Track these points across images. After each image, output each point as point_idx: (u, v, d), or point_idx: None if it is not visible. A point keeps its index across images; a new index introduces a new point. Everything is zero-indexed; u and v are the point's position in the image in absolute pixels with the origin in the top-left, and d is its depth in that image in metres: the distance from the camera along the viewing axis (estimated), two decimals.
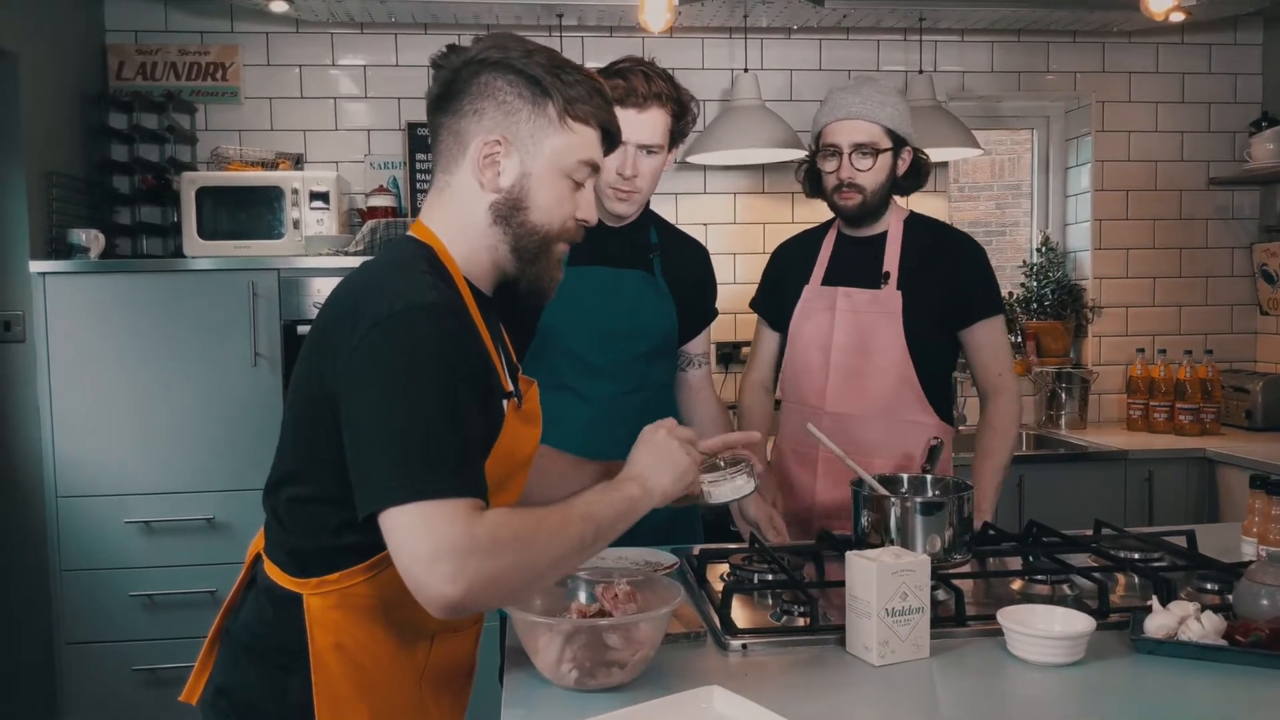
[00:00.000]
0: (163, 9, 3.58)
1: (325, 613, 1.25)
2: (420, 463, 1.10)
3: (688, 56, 3.77)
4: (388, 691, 1.29)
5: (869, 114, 2.16)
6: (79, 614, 3.00)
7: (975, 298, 2.24)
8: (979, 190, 6.48)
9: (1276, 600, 1.49)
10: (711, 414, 2.30)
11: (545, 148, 1.30)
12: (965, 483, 1.75)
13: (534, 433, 1.42)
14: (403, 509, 1.09)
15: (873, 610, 1.38)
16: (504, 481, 1.34)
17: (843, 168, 2.18)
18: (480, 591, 1.10)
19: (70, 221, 3.19)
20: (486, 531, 1.10)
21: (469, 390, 1.18)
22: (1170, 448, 3.50)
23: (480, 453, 1.20)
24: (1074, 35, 3.93)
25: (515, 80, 1.28)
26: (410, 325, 1.15)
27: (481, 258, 1.33)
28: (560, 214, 1.33)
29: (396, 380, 1.13)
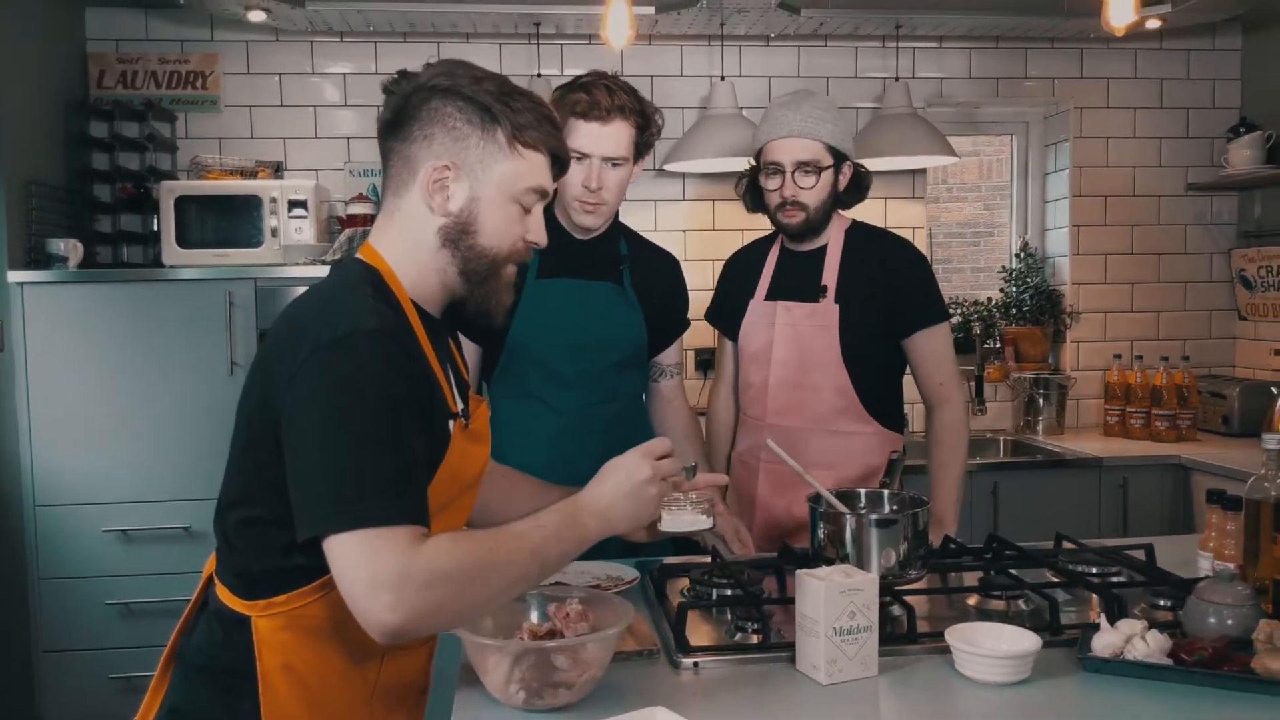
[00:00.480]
0: (143, 18, 3.59)
1: (273, 634, 1.26)
2: (360, 490, 1.12)
3: (666, 64, 3.79)
4: (337, 711, 1.31)
5: (811, 131, 2.18)
6: (57, 622, 3.02)
7: (913, 307, 2.26)
8: (967, 191, 6.50)
9: (1223, 619, 1.51)
10: (683, 424, 2.32)
11: (494, 173, 1.32)
12: (921, 498, 1.76)
13: (482, 451, 1.43)
14: (343, 536, 1.11)
15: (820, 629, 1.40)
16: (452, 501, 1.35)
17: (786, 186, 2.20)
18: (420, 620, 1.12)
19: (50, 230, 3.20)
20: (426, 561, 1.12)
21: (410, 415, 1.19)
22: (1145, 454, 3.52)
23: (422, 478, 1.22)
24: (1052, 42, 3.95)
25: (465, 107, 1.31)
26: (350, 351, 1.17)
27: (430, 280, 1.35)
28: (509, 237, 1.36)
29: (336, 406, 1.15)
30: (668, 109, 3.73)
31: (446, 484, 1.31)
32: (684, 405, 2.35)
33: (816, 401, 2.26)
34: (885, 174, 3.87)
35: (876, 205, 3.91)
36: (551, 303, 2.14)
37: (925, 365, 2.29)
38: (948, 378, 2.28)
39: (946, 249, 6.41)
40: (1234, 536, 1.78)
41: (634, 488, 1.34)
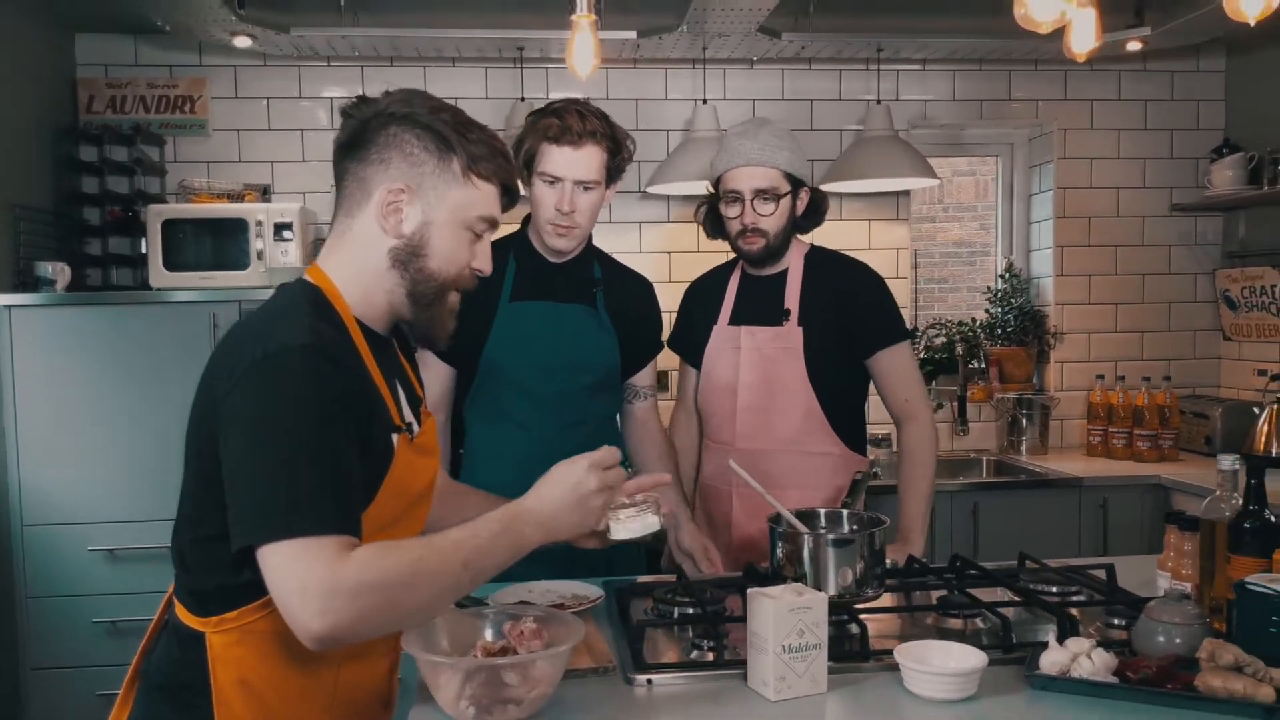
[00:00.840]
0: (132, 43, 3.64)
1: (227, 650, 1.29)
2: (290, 501, 1.16)
3: (651, 87, 3.83)
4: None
5: (768, 160, 2.22)
6: (44, 640, 3.05)
7: (874, 327, 2.30)
8: (963, 210, 6.53)
9: (1172, 637, 1.52)
10: (657, 446, 2.35)
11: (448, 200, 1.36)
12: (879, 518, 1.78)
13: (430, 464, 1.47)
14: (274, 546, 1.15)
15: (769, 646, 1.42)
16: (403, 514, 1.38)
17: (745, 213, 2.24)
18: (348, 628, 1.15)
19: (39, 253, 3.25)
20: (354, 571, 1.15)
21: (343, 429, 1.23)
22: (1126, 474, 3.54)
23: (354, 490, 1.24)
24: (1035, 64, 3.99)
25: (422, 135, 1.35)
26: (283, 366, 1.21)
27: (377, 300, 1.39)
28: (457, 263, 1.39)
29: (268, 420, 1.19)
30: (652, 132, 3.79)
31: (394, 496, 1.35)
32: (658, 427, 2.38)
33: (784, 424, 2.28)
34: (869, 196, 3.92)
35: (860, 227, 3.94)
36: (525, 325, 2.17)
37: (890, 383, 2.32)
38: (912, 395, 2.31)
39: (942, 269, 6.43)
40: (1191, 556, 1.80)
41: (580, 498, 1.36)
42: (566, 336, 2.18)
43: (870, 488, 3.28)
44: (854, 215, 3.94)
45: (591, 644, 1.64)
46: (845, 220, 3.92)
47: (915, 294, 4.33)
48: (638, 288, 2.32)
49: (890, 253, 3.96)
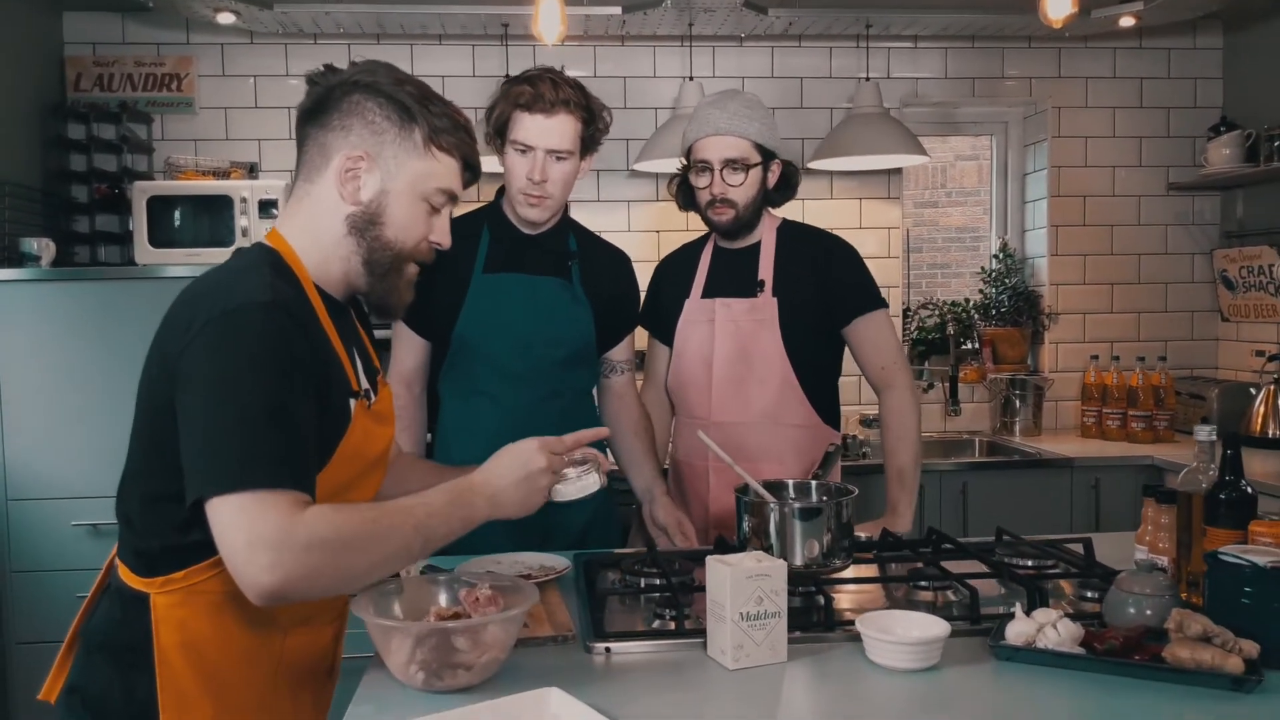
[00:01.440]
0: (120, 21, 3.63)
1: (171, 610, 1.28)
2: (244, 455, 1.15)
3: (639, 65, 3.80)
4: (236, 688, 1.32)
5: (737, 129, 2.20)
6: (28, 614, 3.04)
7: (849, 295, 2.28)
8: (966, 195, 6.48)
9: (1142, 609, 1.50)
10: (633, 421, 2.33)
11: (407, 169, 1.36)
12: (847, 487, 1.76)
13: (385, 432, 1.46)
14: (225, 499, 1.14)
15: (727, 614, 1.40)
16: (356, 480, 1.37)
17: (715, 183, 2.22)
18: (296, 584, 1.14)
19: (24, 230, 3.24)
20: (306, 528, 1.14)
21: (300, 386, 1.22)
22: (1118, 455, 3.50)
23: (309, 448, 1.23)
24: (1029, 41, 3.94)
25: (385, 104, 1.35)
26: (241, 322, 1.20)
27: (333, 267, 1.38)
28: (414, 234, 1.39)
29: (225, 374, 1.18)
30: (640, 110, 3.76)
31: (349, 461, 1.34)
32: (635, 401, 2.36)
33: (760, 396, 2.26)
34: (860, 174, 3.88)
35: (852, 206, 3.91)
36: (498, 298, 2.15)
37: (866, 350, 2.30)
38: (890, 361, 2.29)
39: (945, 254, 6.39)
40: (1168, 530, 1.77)
41: (527, 475, 1.36)
42: (540, 310, 2.15)
43: (860, 467, 3.29)
44: (845, 194, 3.91)
45: (554, 613, 1.63)
46: (836, 199, 3.89)
47: (907, 274, 4.30)
48: (614, 261, 2.30)
49: (882, 232, 3.93)
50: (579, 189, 3.70)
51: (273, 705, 1.37)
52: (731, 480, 2.25)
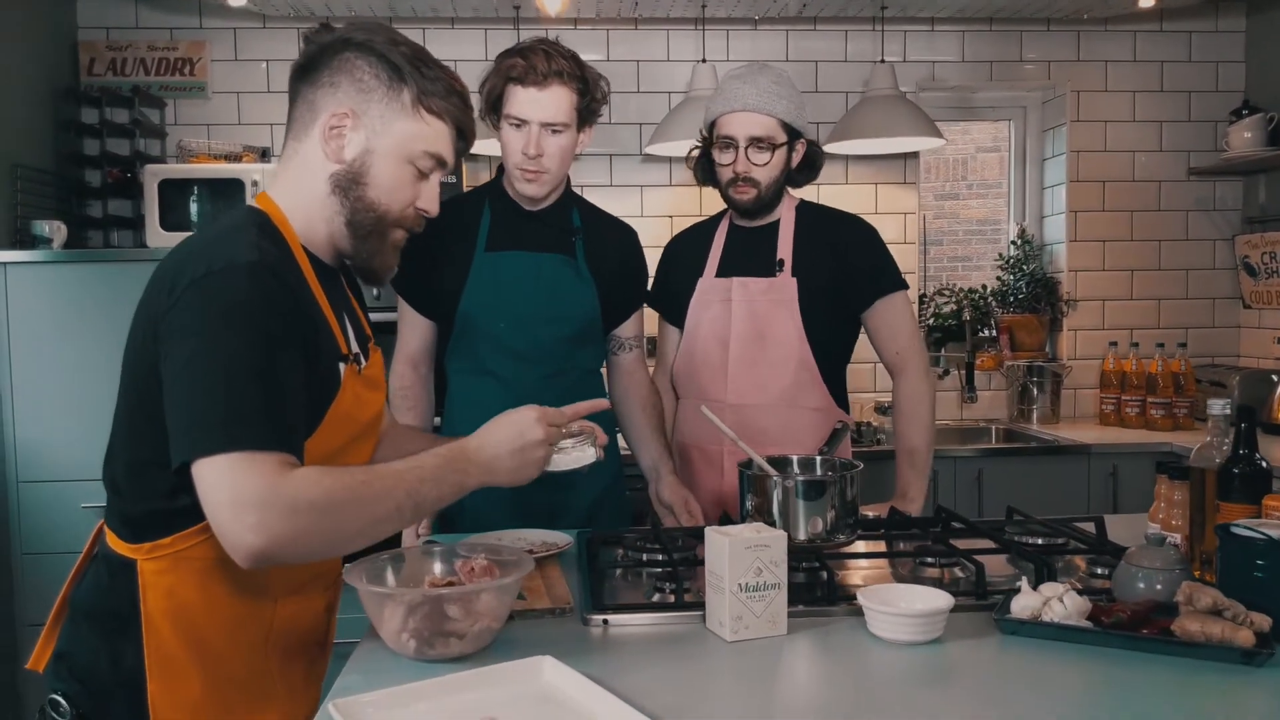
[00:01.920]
0: (133, 6, 3.65)
1: (158, 577, 1.27)
2: (229, 415, 1.13)
3: (653, 48, 3.78)
4: (224, 656, 1.31)
5: (765, 107, 2.14)
6: (39, 595, 3.06)
7: (870, 278, 2.24)
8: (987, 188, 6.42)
9: (1152, 583, 1.47)
10: (642, 398, 2.28)
11: (394, 130, 1.33)
12: (853, 463, 1.73)
13: (376, 397, 1.44)
14: (212, 460, 1.12)
15: (725, 585, 1.38)
16: (349, 446, 1.36)
17: (738, 161, 2.17)
18: (283, 546, 1.12)
19: (38, 213, 3.25)
20: (293, 489, 1.12)
21: (286, 347, 1.20)
22: (1137, 442, 3.45)
23: (296, 409, 1.22)
24: (1047, 23, 3.89)
25: (375, 63, 1.32)
26: (225, 282, 1.18)
27: (319, 228, 1.36)
28: (399, 197, 1.36)
29: (210, 335, 1.16)
30: (654, 94, 3.74)
31: (341, 425, 1.33)
32: (644, 378, 2.32)
33: (776, 378, 2.22)
34: (876, 159, 3.85)
35: (867, 190, 3.87)
36: (501, 275, 2.12)
37: (882, 333, 2.26)
38: (905, 345, 2.25)
39: (966, 246, 6.33)
40: (1180, 506, 1.74)
41: (523, 446, 1.34)
42: (543, 287, 2.12)
43: (874, 453, 3.25)
44: (860, 179, 3.87)
45: (553, 587, 1.61)
46: (851, 184, 3.85)
47: (924, 261, 4.25)
48: (620, 236, 2.25)
49: (898, 217, 3.89)
50: (591, 174, 3.74)
51: (262, 674, 1.36)
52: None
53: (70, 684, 1.31)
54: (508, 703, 1.16)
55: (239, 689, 1.33)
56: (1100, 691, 1.23)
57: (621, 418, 2.29)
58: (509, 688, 1.20)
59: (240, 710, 1.33)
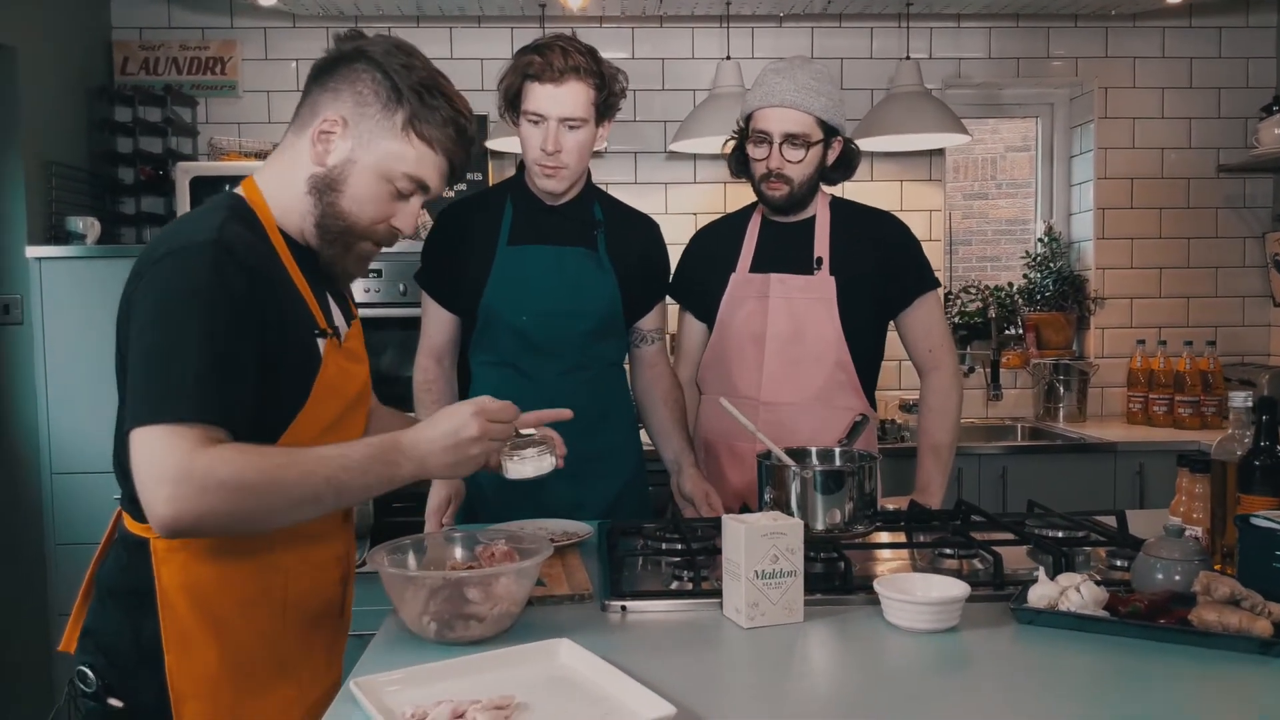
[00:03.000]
0: (165, 6, 3.71)
1: (170, 555, 1.31)
2: (164, 387, 1.17)
3: (677, 46, 3.79)
4: (240, 629, 1.34)
5: (803, 104, 2.12)
6: (72, 586, 3.05)
7: (908, 277, 2.23)
8: (1016, 188, 6.38)
9: (1170, 574, 1.47)
10: (664, 391, 2.28)
11: (379, 147, 1.36)
12: (870, 454, 1.74)
13: (360, 370, 1.48)
14: (142, 430, 1.16)
15: (741, 572, 1.39)
16: (341, 418, 1.39)
17: (772, 157, 2.15)
18: (193, 521, 1.15)
19: (72, 209, 3.32)
20: (205, 465, 1.15)
21: (240, 325, 1.24)
22: (1164, 440, 3.42)
23: (240, 386, 1.24)
24: (1075, 19, 3.87)
25: (381, 80, 1.36)
26: (182, 261, 1.23)
27: (293, 220, 1.40)
28: (369, 211, 1.39)
29: (159, 311, 1.21)
30: (678, 92, 3.75)
31: (329, 398, 1.37)
32: (666, 371, 2.32)
33: (812, 377, 2.20)
34: (901, 156, 3.84)
35: (893, 188, 3.87)
36: (523, 270, 2.13)
37: (915, 332, 2.25)
38: (937, 344, 2.25)
39: (995, 246, 6.29)
40: (1202, 499, 1.74)
41: (457, 442, 1.31)
42: (564, 281, 2.14)
43: (898, 450, 3.25)
44: (886, 176, 3.87)
45: (572, 575, 1.63)
46: (876, 181, 3.85)
47: (950, 258, 4.24)
48: (642, 229, 2.26)
49: (923, 214, 3.87)
50: (616, 172, 3.76)
51: (280, 646, 1.39)
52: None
53: (96, 657, 1.36)
54: (525, 683, 1.18)
55: (256, 661, 1.36)
56: (1116, 681, 1.22)
57: (643, 411, 2.29)
58: (527, 669, 1.22)
59: (258, 682, 1.36)
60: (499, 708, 1.07)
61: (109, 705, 1.33)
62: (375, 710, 1.08)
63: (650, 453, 2.31)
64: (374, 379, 1.58)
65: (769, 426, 2.12)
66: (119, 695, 1.33)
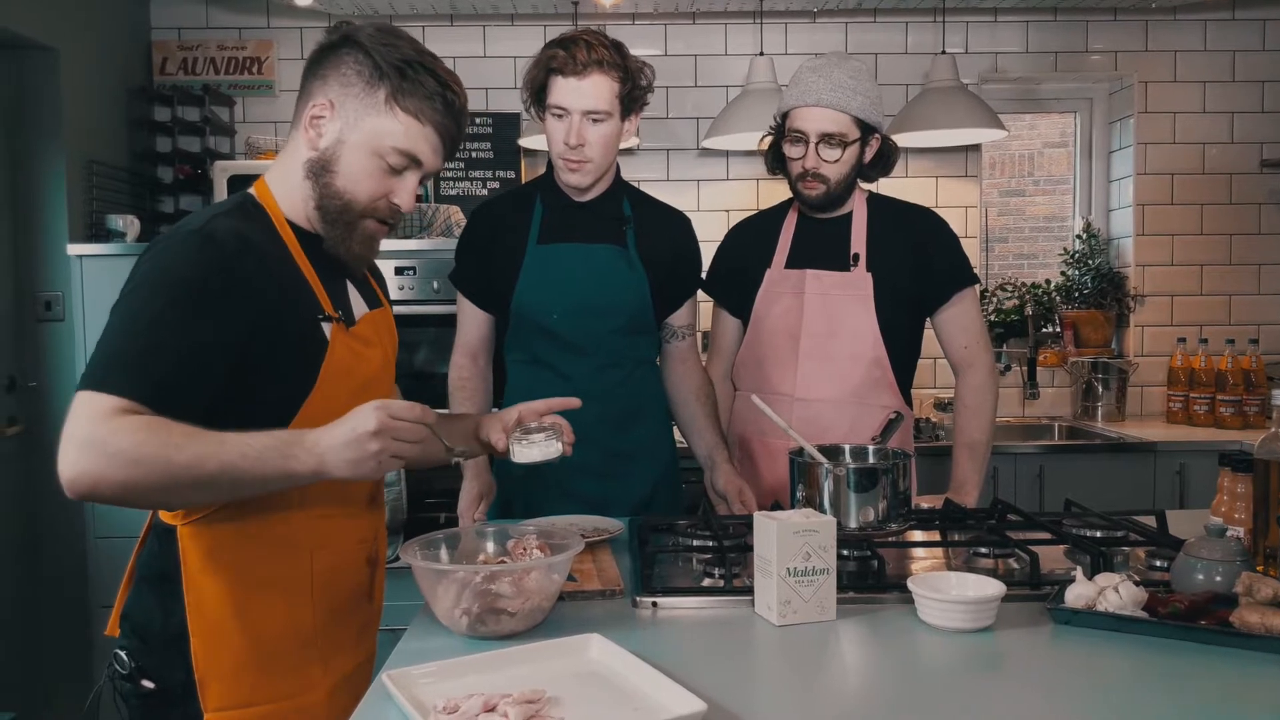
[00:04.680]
0: (203, 7, 3.75)
1: (195, 540, 1.34)
2: (104, 359, 1.23)
3: (710, 43, 3.78)
4: (265, 613, 1.37)
5: (839, 103, 2.10)
6: (111, 577, 3.15)
7: (946, 273, 2.20)
8: (1054, 184, 6.30)
9: (1211, 574, 1.44)
10: (695, 387, 2.27)
11: (366, 124, 1.39)
12: (904, 452, 1.72)
13: (373, 354, 1.50)
14: (78, 395, 1.21)
15: (774, 569, 1.38)
16: (354, 402, 1.37)
17: (808, 157, 2.13)
18: (89, 485, 1.17)
19: (112, 208, 3.37)
20: (108, 431, 1.17)
21: (207, 308, 1.26)
22: (1205, 440, 3.37)
23: (187, 368, 1.25)
24: (1114, 12, 3.82)
25: (363, 60, 1.39)
26: (165, 247, 1.29)
27: (298, 209, 1.43)
28: (365, 187, 1.41)
29: (129, 290, 1.27)
30: (712, 88, 3.74)
31: (338, 380, 1.39)
32: (696, 366, 2.31)
33: (848, 374, 2.18)
34: (936, 152, 3.80)
35: (928, 184, 3.84)
36: (552, 267, 2.13)
37: (952, 330, 2.23)
38: (973, 341, 2.22)
39: (1032, 243, 6.22)
40: (1244, 499, 1.70)
41: (355, 438, 1.25)
42: (594, 278, 2.13)
43: (933, 448, 3.22)
44: (921, 172, 3.83)
45: (604, 570, 1.63)
46: (911, 177, 3.81)
47: (986, 255, 4.19)
48: (672, 224, 2.24)
49: (959, 211, 3.84)
50: (648, 169, 3.75)
51: (305, 629, 1.41)
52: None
53: (131, 640, 1.39)
54: (556, 678, 1.18)
55: (280, 644, 1.38)
56: (1154, 682, 1.20)
57: (675, 406, 2.29)
58: (558, 663, 1.22)
59: (282, 664, 1.38)
60: (530, 701, 1.07)
61: (142, 686, 1.37)
62: (408, 703, 1.09)
63: (684, 449, 2.30)
64: (407, 377, 1.59)
65: (803, 423, 2.11)
66: (150, 677, 1.37)
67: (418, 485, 3.05)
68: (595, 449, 2.10)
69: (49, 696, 3.31)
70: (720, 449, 2.21)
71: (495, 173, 3.70)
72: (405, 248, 3.12)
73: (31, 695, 3.26)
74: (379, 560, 1.55)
